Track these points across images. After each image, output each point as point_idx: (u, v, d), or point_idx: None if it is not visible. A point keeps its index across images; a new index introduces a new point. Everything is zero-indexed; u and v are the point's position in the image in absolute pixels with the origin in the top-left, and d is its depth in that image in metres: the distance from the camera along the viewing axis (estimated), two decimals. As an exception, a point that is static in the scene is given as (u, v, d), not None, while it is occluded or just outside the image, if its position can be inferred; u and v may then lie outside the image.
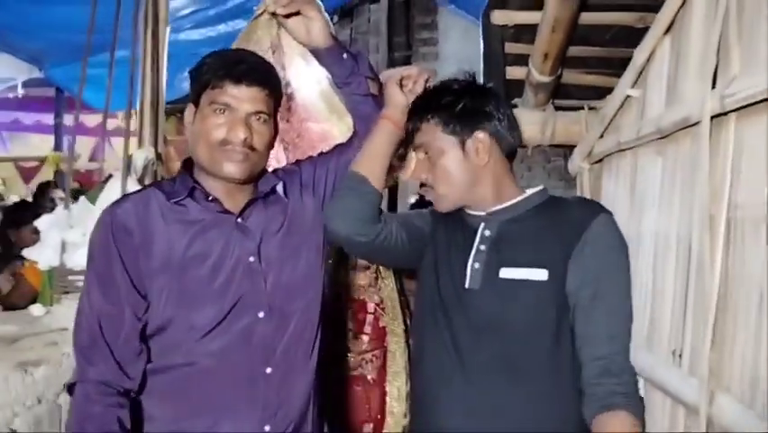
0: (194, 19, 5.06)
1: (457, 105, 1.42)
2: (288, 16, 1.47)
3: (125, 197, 1.50)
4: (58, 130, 6.07)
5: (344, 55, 1.51)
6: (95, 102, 5.96)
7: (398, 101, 1.50)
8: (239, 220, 1.39)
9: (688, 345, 1.12)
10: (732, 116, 1.01)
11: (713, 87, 1.07)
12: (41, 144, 8.34)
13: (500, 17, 2.16)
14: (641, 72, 1.40)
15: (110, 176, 2.50)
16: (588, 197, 1.73)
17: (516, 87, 2.59)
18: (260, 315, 1.36)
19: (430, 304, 1.48)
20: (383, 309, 2.09)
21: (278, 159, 1.87)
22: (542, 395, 1.33)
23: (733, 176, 1.01)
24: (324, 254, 1.55)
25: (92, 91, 5.72)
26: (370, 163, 1.49)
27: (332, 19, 5.52)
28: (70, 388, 1.30)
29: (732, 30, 1.02)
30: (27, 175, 7.45)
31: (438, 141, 1.44)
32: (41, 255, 2.31)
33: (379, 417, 2.06)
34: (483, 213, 1.46)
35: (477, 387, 1.36)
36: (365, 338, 2.07)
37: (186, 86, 5.13)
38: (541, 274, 1.34)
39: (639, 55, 1.38)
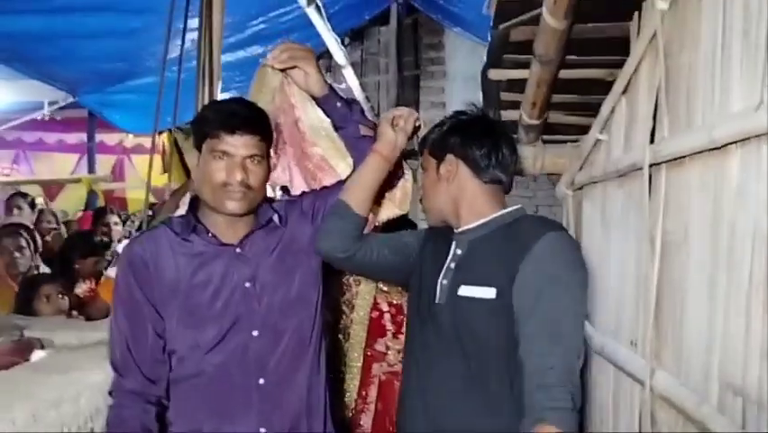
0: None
1: (441, 133, 1.55)
2: (287, 69, 1.65)
3: (141, 235, 1.73)
4: (90, 152, 6.44)
5: (338, 103, 1.67)
6: (122, 124, 6.37)
7: (388, 137, 1.60)
8: (237, 250, 1.54)
9: (640, 336, 1.48)
10: (663, 166, 1.37)
11: (652, 141, 1.43)
12: (64, 163, 8.68)
13: (496, 75, 2.48)
14: (607, 120, 1.75)
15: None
16: (571, 218, 2.07)
17: (511, 127, 2.89)
18: (254, 333, 1.51)
19: (412, 315, 1.63)
20: (395, 307, 2.25)
21: (290, 176, 2.00)
22: (493, 404, 1.40)
23: (665, 209, 1.37)
24: (321, 277, 1.67)
25: (120, 114, 6.15)
26: (356, 191, 1.60)
27: (343, 41, 5.89)
28: (111, 394, 1.50)
29: (662, 100, 1.38)
30: (50, 193, 7.77)
31: (426, 162, 1.59)
32: None
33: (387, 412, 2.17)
34: (457, 231, 1.55)
35: (435, 396, 1.48)
36: (402, 337, 2.14)
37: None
38: (490, 293, 1.40)
39: (604, 108, 1.74)
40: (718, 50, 1.14)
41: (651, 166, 1.42)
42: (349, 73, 5.41)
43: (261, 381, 1.50)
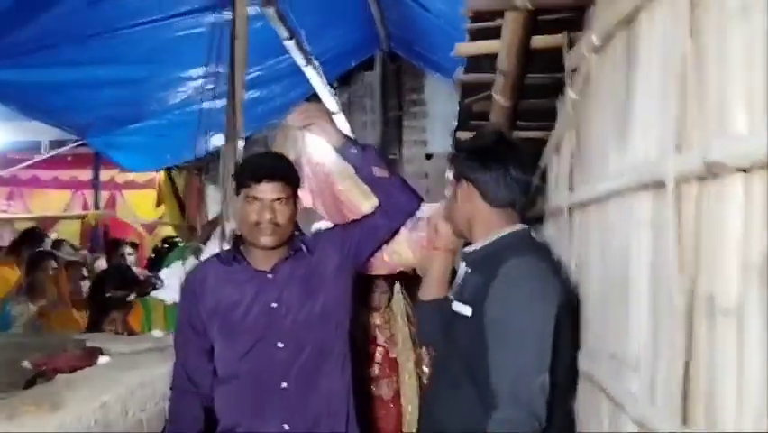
0: (216, 92, 5.91)
1: (459, 157, 1.66)
2: (305, 126, 1.92)
3: (195, 266, 2.18)
4: (96, 189, 6.88)
5: (354, 150, 1.90)
6: (126, 163, 6.80)
7: (444, 232, 1.83)
8: (269, 276, 1.82)
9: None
10: (576, 209, 1.85)
11: (571, 189, 1.90)
12: (58, 199, 9.02)
13: (463, 135, 2.78)
14: (544, 172, 2.24)
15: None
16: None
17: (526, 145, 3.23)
18: (280, 345, 1.78)
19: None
20: (393, 343, 2.43)
21: (315, 206, 2.18)
22: (465, 407, 1.52)
23: (579, 244, 1.83)
24: (348, 298, 1.90)
25: (124, 154, 6.59)
26: (432, 290, 1.83)
27: (331, 85, 6.38)
28: (171, 389, 1.90)
29: (575, 160, 1.86)
30: (44, 226, 8.10)
31: (451, 182, 1.73)
32: (167, 295, 3.20)
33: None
34: (466, 250, 1.68)
35: (434, 400, 1.65)
36: (376, 367, 2.40)
37: (206, 147, 5.94)
38: (467, 310, 1.53)
39: (541, 162, 2.22)
40: (604, 129, 1.62)
41: (569, 209, 1.90)
42: (340, 119, 5.89)
43: (284, 384, 1.76)
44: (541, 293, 1.45)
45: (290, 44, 3.82)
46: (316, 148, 2.03)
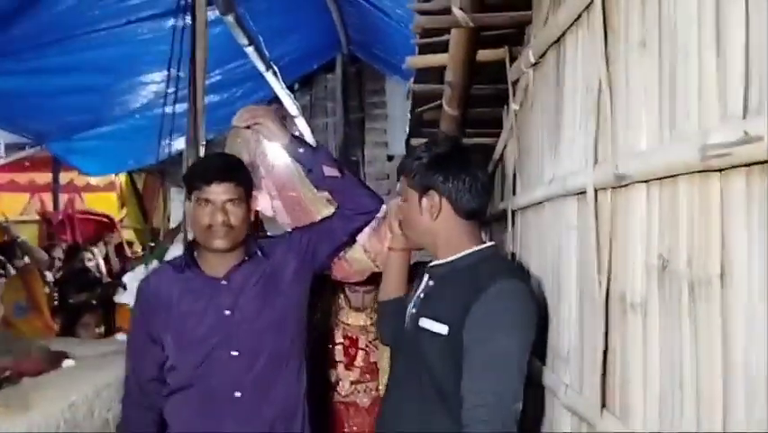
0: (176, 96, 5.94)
1: (422, 164, 1.54)
2: (251, 126, 1.85)
3: (149, 273, 2.06)
4: (55, 192, 6.81)
5: (301, 149, 1.83)
6: (85, 168, 6.76)
7: (398, 232, 1.76)
8: (223, 282, 1.74)
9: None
10: (518, 212, 1.98)
11: (514, 193, 2.04)
12: (14, 202, 8.89)
13: (415, 142, 2.91)
14: (491, 176, 2.37)
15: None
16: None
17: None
18: (234, 353, 1.72)
19: (392, 338, 1.75)
20: (375, 346, 2.24)
21: (273, 208, 2.08)
22: (433, 424, 1.48)
23: (520, 246, 1.97)
24: (305, 303, 1.86)
25: (86, 159, 6.55)
26: (390, 289, 1.81)
27: (292, 87, 6.45)
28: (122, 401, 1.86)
29: (517, 168, 1.99)
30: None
31: (407, 192, 1.59)
32: (130, 299, 3.24)
33: None
34: (431, 265, 1.61)
35: (395, 410, 1.59)
36: (356, 370, 2.25)
37: (167, 150, 5.95)
38: (443, 329, 1.45)
39: (489, 167, 2.35)
40: (541, 139, 1.76)
41: (513, 212, 2.03)
42: (301, 122, 5.95)
43: (238, 394, 1.71)
44: (527, 320, 1.43)
45: (250, 50, 3.87)
46: (270, 149, 1.98)
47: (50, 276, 4.63)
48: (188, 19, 4.37)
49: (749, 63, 0.78)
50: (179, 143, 6.76)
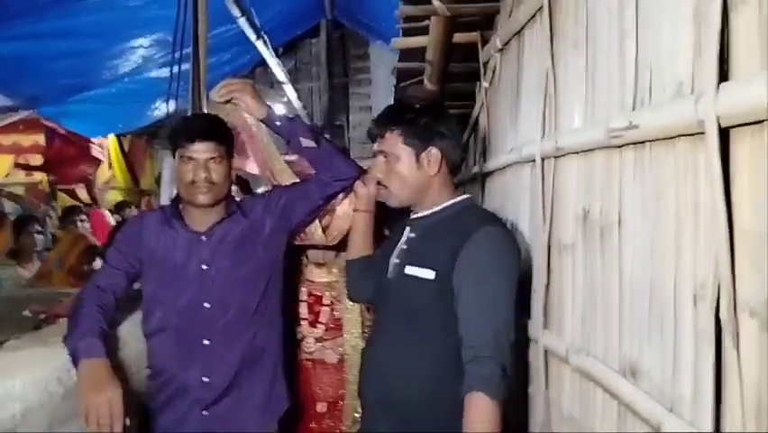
0: (164, 60, 6.11)
1: (418, 122, 1.57)
2: (228, 101, 1.91)
3: (144, 212, 2.35)
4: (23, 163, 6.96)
5: (278, 122, 1.91)
6: (79, 129, 6.93)
7: (361, 192, 1.87)
8: (203, 238, 1.82)
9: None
10: (488, 176, 2.31)
11: (484, 160, 2.36)
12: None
13: None
14: (466, 143, 2.69)
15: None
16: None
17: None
18: (206, 305, 1.80)
19: (374, 288, 1.77)
20: (339, 301, 2.22)
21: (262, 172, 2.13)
22: (426, 365, 1.53)
23: (490, 204, 2.30)
24: (280, 260, 1.90)
25: (78, 122, 6.72)
26: (356, 249, 1.89)
27: (277, 51, 6.65)
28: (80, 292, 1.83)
29: (487, 136, 2.31)
30: None
31: (397, 149, 1.60)
32: None
33: (334, 399, 2.23)
34: (413, 217, 1.67)
35: (381, 354, 1.64)
36: (321, 327, 2.23)
37: (155, 114, 6.19)
38: (429, 274, 1.52)
39: (464, 135, 2.67)
40: (505, 114, 2.07)
41: (483, 176, 2.36)
42: (288, 88, 6.14)
43: (206, 342, 1.80)
44: (513, 260, 1.50)
45: (242, 21, 4.09)
46: (249, 119, 2.01)
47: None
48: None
49: (638, 69, 1.10)
50: (169, 106, 7.00)
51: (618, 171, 1.17)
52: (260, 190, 2.42)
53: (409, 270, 1.58)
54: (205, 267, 1.81)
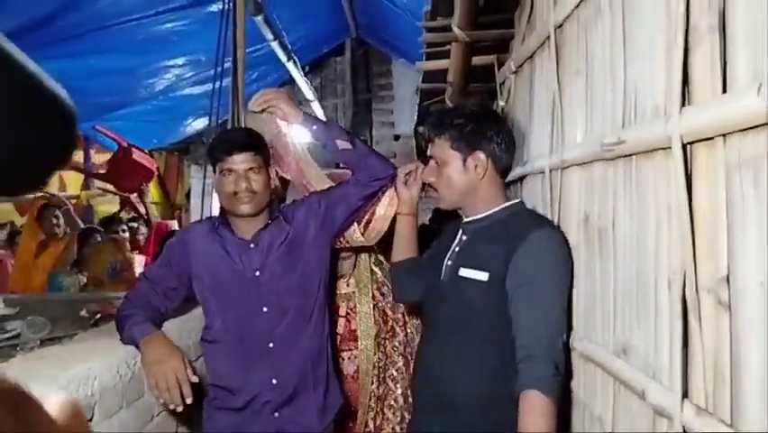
0: (196, 79, 6.42)
1: (465, 127, 1.63)
2: (264, 110, 1.96)
3: (193, 223, 2.24)
4: (88, 171, 7.32)
5: (314, 126, 1.96)
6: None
7: (405, 196, 1.90)
8: (251, 245, 1.87)
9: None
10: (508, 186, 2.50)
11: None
12: None
13: (422, 130, 3.55)
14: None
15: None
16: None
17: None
18: (264, 309, 1.85)
19: (425, 290, 1.81)
20: (355, 313, 2.26)
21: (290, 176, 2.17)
22: (479, 365, 1.58)
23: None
24: (326, 263, 1.95)
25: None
26: (401, 251, 1.94)
27: (304, 69, 6.93)
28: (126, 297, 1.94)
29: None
30: (22, 209, 8.42)
31: (445, 154, 1.66)
32: None
33: (352, 409, 2.26)
34: (466, 220, 1.72)
35: (434, 355, 1.69)
36: (337, 338, 2.26)
37: (187, 130, 6.53)
38: (483, 276, 1.57)
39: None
40: (519, 130, 2.27)
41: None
42: (315, 105, 6.38)
43: (271, 345, 1.86)
44: (566, 262, 1.55)
45: (275, 45, 4.35)
46: (285, 130, 2.06)
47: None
48: (212, 8, 4.87)
49: (626, 93, 1.29)
50: (198, 124, 7.31)
51: (612, 180, 1.36)
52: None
53: (463, 272, 1.62)
54: (257, 273, 1.86)
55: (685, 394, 1.03)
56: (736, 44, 0.89)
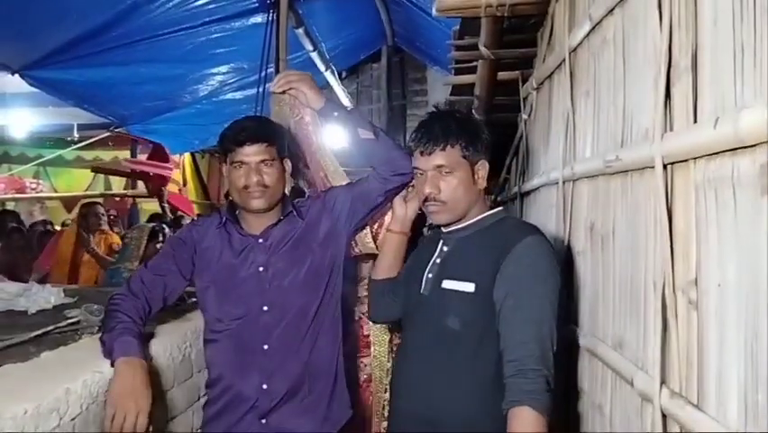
0: (238, 84, 6.70)
1: (475, 136, 1.59)
2: (286, 91, 1.90)
3: (199, 218, 2.19)
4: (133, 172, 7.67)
5: (336, 113, 1.85)
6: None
7: (399, 213, 1.83)
8: (259, 241, 1.76)
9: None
10: (526, 195, 2.66)
11: (523, 180, 2.72)
12: (81, 178, 9.56)
13: None
14: (508, 166, 3.05)
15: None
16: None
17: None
18: (264, 308, 1.73)
19: (405, 304, 1.75)
20: (368, 318, 2.14)
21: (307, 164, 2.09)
22: (464, 382, 1.51)
23: (526, 218, 2.65)
24: (338, 262, 1.83)
25: (160, 140, 7.38)
26: (383, 269, 1.86)
27: (341, 75, 7.14)
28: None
29: (525, 158, 2.67)
30: (69, 204, 8.75)
31: (455, 162, 1.58)
32: None
33: (365, 415, 2.17)
34: (446, 230, 1.65)
35: (418, 371, 1.60)
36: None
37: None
38: (469, 287, 1.51)
39: (507, 159, 3.03)
40: (540, 143, 2.43)
41: (521, 195, 2.72)
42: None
43: (266, 346, 1.73)
44: (554, 270, 1.49)
45: (314, 55, 4.58)
46: (308, 113, 1.98)
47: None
48: (254, 19, 5.12)
49: (625, 115, 1.45)
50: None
51: (612, 193, 1.53)
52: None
53: (447, 283, 1.55)
54: (261, 270, 1.76)
55: (664, 381, 1.19)
56: (704, 82, 1.06)
